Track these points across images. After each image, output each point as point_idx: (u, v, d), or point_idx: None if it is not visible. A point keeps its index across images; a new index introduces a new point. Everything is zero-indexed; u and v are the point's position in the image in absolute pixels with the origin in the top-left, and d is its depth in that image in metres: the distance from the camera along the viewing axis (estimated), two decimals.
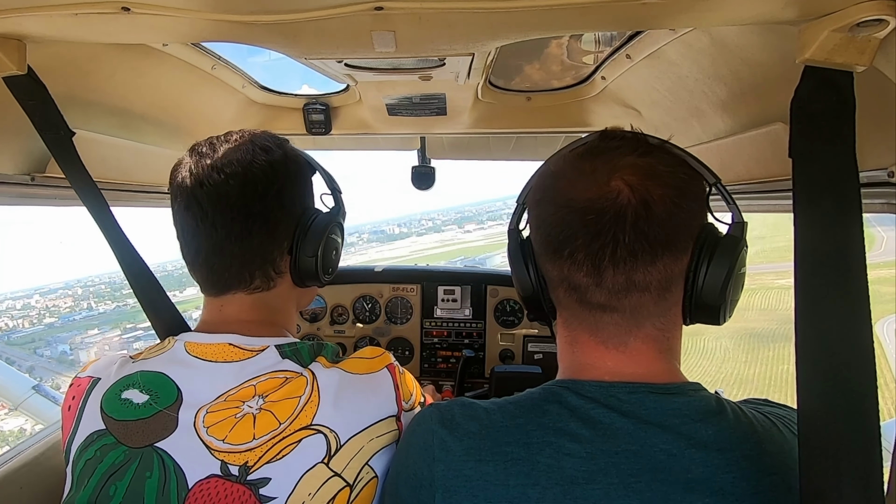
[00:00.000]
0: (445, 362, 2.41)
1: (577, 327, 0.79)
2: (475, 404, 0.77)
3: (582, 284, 0.74)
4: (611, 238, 0.70)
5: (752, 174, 1.19)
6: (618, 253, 0.70)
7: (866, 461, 0.63)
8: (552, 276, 0.79)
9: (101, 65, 1.25)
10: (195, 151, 0.92)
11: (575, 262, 0.73)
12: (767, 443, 0.70)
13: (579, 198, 0.73)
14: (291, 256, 0.96)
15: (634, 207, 0.70)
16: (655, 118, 1.63)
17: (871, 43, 0.68)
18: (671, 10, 0.75)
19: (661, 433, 0.69)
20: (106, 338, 40.18)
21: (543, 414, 0.72)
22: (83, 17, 0.80)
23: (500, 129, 1.98)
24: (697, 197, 0.76)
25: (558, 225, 0.74)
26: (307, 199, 1.00)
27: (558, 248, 0.74)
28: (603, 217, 0.70)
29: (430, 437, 0.74)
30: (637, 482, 0.66)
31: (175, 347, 0.89)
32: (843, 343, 0.65)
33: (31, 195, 1.20)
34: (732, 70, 1.14)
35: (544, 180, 0.82)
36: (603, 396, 0.72)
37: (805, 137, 0.71)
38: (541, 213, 0.79)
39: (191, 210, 0.88)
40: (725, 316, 0.79)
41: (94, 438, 0.82)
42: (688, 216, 0.74)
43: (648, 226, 0.70)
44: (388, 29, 0.87)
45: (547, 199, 0.78)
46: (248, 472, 0.77)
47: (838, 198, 0.67)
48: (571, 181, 0.75)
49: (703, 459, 0.67)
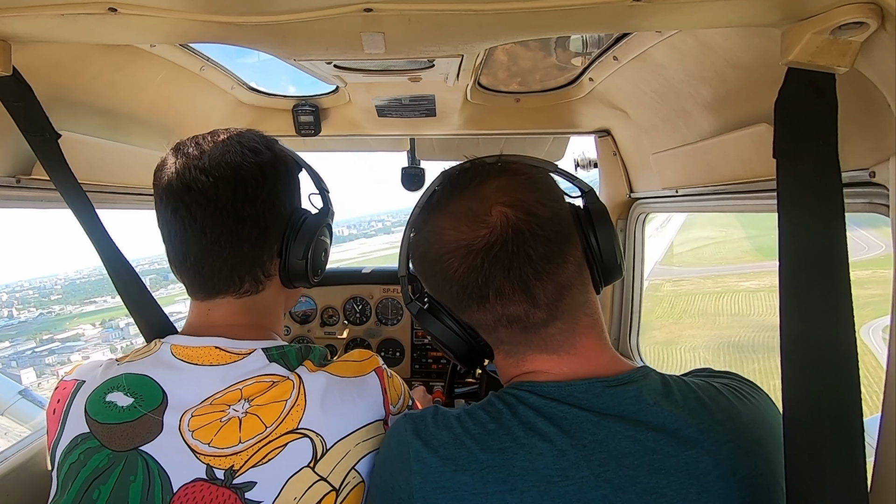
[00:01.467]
0: (436, 363, 2.41)
1: (523, 351, 0.80)
2: (447, 413, 0.78)
3: (520, 313, 0.76)
4: (524, 257, 0.73)
5: (738, 174, 1.21)
6: (537, 267, 0.73)
7: (850, 457, 0.64)
8: (485, 322, 0.80)
9: (87, 65, 1.24)
10: (180, 152, 0.90)
11: (504, 297, 0.75)
12: (717, 412, 0.73)
13: (474, 238, 0.75)
14: (281, 259, 0.95)
15: (525, 221, 0.73)
16: (643, 119, 1.65)
17: (852, 45, 0.69)
18: (657, 12, 0.76)
19: (621, 422, 0.71)
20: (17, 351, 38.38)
21: (513, 416, 0.73)
22: (70, 18, 0.79)
23: (490, 131, 1.98)
24: (555, 186, 0.82)
25: (469, 272, 0.75)
26: (296, 199, 0.99)
27: (482, 294, 0.76)
28: (506, 244, 0.73)
29: (405, 448, 0.74)
30: (605, 470, 0.68)
31: (161, 350, 0.88)
32: (826, 341, 0.66)
33: (15, 198, 1.19)
34: (718, 72, 1.16)
35: (426, 242, 0.82)
36: (561, 395, 0.74)
37: (789, 138, 0.72)
38: (442, 272, 0.78)
39: (178, 213, 0.87)
40: (624, 266, 0.86)
41: (79, 442, 0.81)
42: (561, 206, 0.79)
43: (544, 230, 0.74)
44: (377, 30, 0.87)
45: (441, 257, 0.78)
46: (233, 475, 0.76)
47: (821, 197, 0.69)
48: (455, 229, 0.77)
49: (664, 441, 0.69)
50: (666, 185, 1.61)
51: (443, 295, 0.83)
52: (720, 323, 30.78)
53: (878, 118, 0.78)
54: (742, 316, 31.79)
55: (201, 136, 0.92)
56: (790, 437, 0.67)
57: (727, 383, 0.80)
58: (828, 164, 0.69)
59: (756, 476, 0.70)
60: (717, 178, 1.31)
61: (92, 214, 1.11)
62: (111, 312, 59.27)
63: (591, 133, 1.97)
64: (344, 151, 2.47)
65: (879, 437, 0.73)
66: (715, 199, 1.43)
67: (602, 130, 1.94)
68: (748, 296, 33.72)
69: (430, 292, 0.87)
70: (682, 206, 1.64)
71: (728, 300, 33.71)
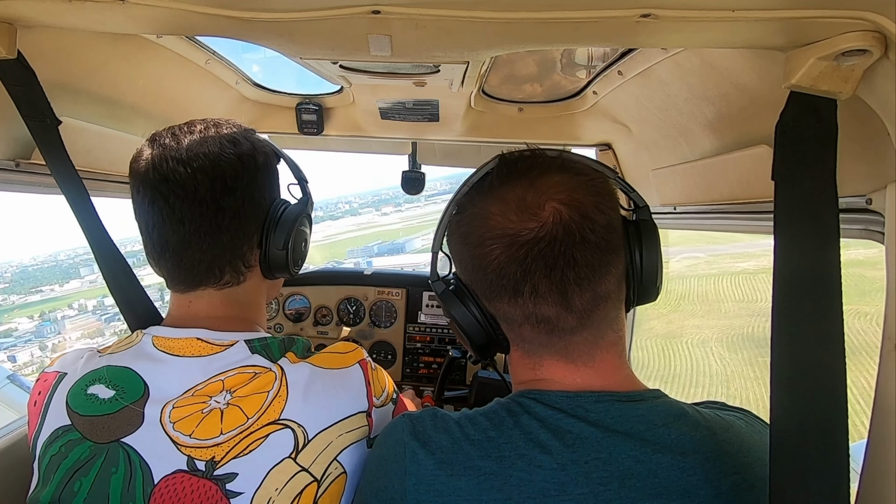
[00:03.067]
0: (427, 368, 2.41)
1: (542, 353, 0.79)
2: (447, 416, 0.77)
3: (551, 315, 0.74)
4: (569, 260, 0.71)
5: (735, 195, 1.21)
6: (580, 273, 0.71)
7: (835, 481, 0.64)
8: (512, 316, 0.77)
9: (93, 53, 1.24)
10: (157, 142, 0.89)
11: (539, 296, 0.73)
12: (727, 444, 0.72)
13: (521, 229, 0.72)
14: (261, 250, 0.94)
15: (578, 223, 0.71)
16: (644, 135, 1.66)
17: (854, 72, 0.70)
18: (663, 29, 0.77)
19: (628, 440, 0.70)
20: None
21: (515, 426, 0.72)
22: (77, 5, 0.79)
23: (492, 139, 1.99)
24: (613, 194, 0.79)
25: (509, 263, 0.73)
26: (275, 190, 0.98)
27: (517, 288, 0.73)
28: (554, 242, 0.71)
29: (401, 448, 0.74)
30: (606, 490, 0.67)
31: (142, 342, 0.87)
32: (816, 363, 0.66)
33: (14, 181, 1.18)
34: (721, 92, 1.16)
35: (470, 224, 0.79)
36: (570, 407, 0.73)
37: (788, 161, 0.72)
38: (481, 257, 0.76)
39: (156, 204, 0.86)
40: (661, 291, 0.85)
41: (60, 434, 0.81)
42: (616, 215, 0.77)
43: (595, 236, 0.72)
44: (384, 33, 0.87)
45: (483, 242, 0.75)
46: (214, 467, 0.76)
47: (818, 222, 0.69)
48: (503, 215, 0.74)
49: (668, 464, 0.68)
50: (664, 201, 1.61)
51: (474, 280, 0.80)
52: (726, 310, 28.61)
53: (878, 145, 0.79)
54: (749, 302, 29.43)
55: (177, 126, 0.92)
56: (775, 458, 0.67)
57: (742, 417, 0.79)
58: (825, 188, 0.69)
59: None
60: (715, 197, 1.31)
61: (86, 202, 1.10)
62: (54, 303, 57.61)
63: (592, 146, 1.98)
64: (345, 152, 2.47)
65: (865, 461, 0.73)
66: (712, 217, 1.43)
67: (603, 144, 1.94)
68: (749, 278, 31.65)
69: (460, 274, 0.84)
70: (679, 223, 1.64)
71: (727, 283, 31.67)
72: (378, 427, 0.88)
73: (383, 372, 0.97)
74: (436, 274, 0.89)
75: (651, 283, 0.81)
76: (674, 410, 0.74)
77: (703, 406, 0.82)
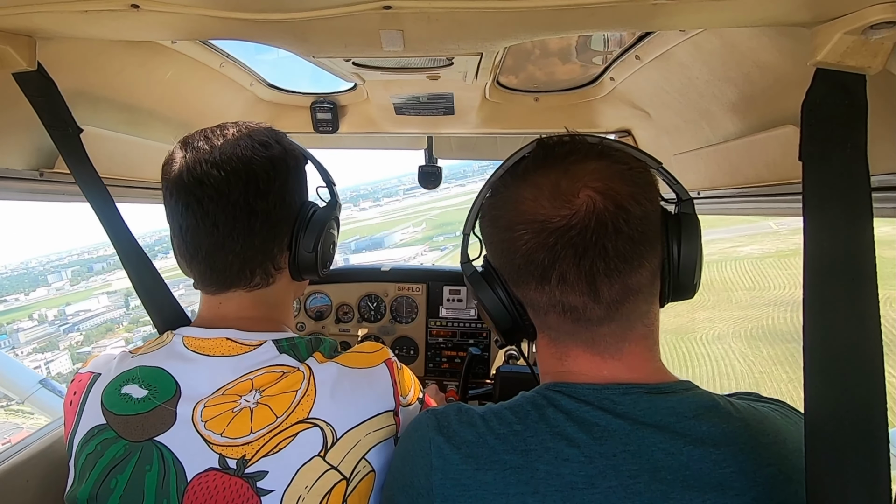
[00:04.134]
0: (450, 362, 2.41)
1: (568, 343, 0.77)
2: (471, 411, 0.76)
3: (578, 304, 0.72)
4: (600, 250, 0.69)
5: (762, 177, 1.18)
6: (610, 264, 0.70)
7: (873, 469, 0.62)
8: (538, 303, 0.76)
9: (110, 61, 1.25)
10: (189, 145, 0.90)
11: (567, 284, 0.71)
12: (762, 435, 0.70)
13: (553, 216, 0.71)
14: (291, 252, 0.96)
15: (612, 213, 0.69)
16: (664, 120, 1.63)
17: (884, 45, 0.67)
18: (681, 10, 0.75)
19: (658, 433, 0.68)
20: None
21: (540, 419, 0.71)
22: (93, 15, 0.81)
23: (508, 130, 1.97)
24: (653, 185, 0.77)
25: (537, 249, 0.72)
26: (304, 192, 1.00)
27: (544, 275, 0.72)
28: (585, 231, 0.69)
29: (426, 444, 0.73)
30: (636, 483, 0.66)
31: (173, 342, 0.89)
32: (851, 349, 0.64)
33: (39, 191, 1.21)
34: (743, 72, 1.13)
35: (501, 207, 0.78)
36: (597, 399, 0.71)
37: (816, 141, 0.70)
38: (510, 241, 0.75)
39: (190, 208, 0.87)
40: (698, 288, 0.83)
41: (95, 433, 0.83)
42: (655, 207, 0.75)
43: (629, 228, 0.70)
44: (396, 28, 0.87)
45: (513, 226, 0.74)
46: (245, 465, 0.78)
47: (849, 202, 0.67)
48: (535, 200, 0.73)
49: (701, 456, 0.67)
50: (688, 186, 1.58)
51: (503, 264, 0.79)
52: (738, 300, 26.64)
53: None
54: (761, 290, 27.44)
55: (210, 129, 0.93)
56: (811, 446, 0.65)
57: (777, 408, 0.77)
58: (856, 167, 0.67)
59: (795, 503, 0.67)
60: (740, 181, 1.28)
61: (112, 208, 1.11)
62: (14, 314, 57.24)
63: (611, 133, 1.95)
64: (361, 149, 2.48)
65: None
66: (738, 201, 1.40)
67: (622, 130, 1.91)
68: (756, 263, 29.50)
69: (490, 258, 0.83)
70: (704, 208, 1.61)
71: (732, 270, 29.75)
72: (405, 426, 0.88)
73: (409, 372, 0.97)
74: (466, 256, 0.89)
75: (688, 279, 0.79)
76: (705, 402, 0.72)
77: (736, 397, 0.80)
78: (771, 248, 32.00)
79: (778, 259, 29.54)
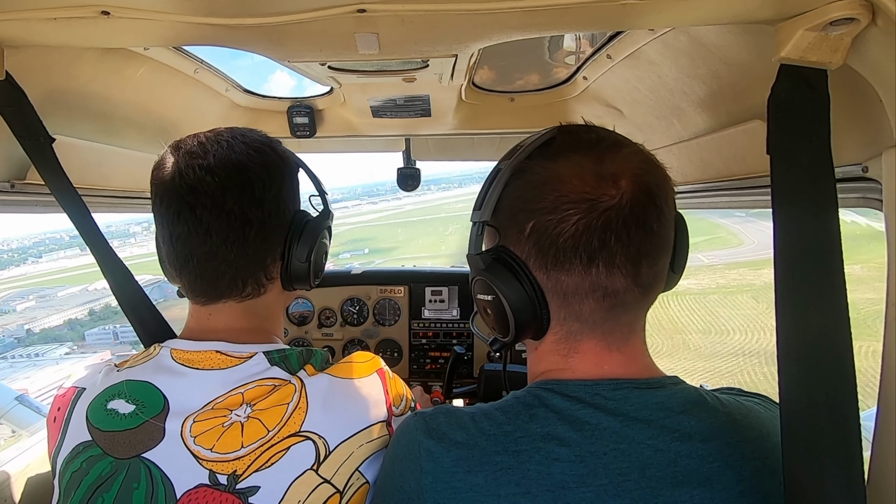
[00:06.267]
0: (434, 363, 2.42)
1: (584, 336, 0.75)
2: (460, 412, 0.76)
3: (620, 288, 0.71)
4: (647, 230, 0.70)
5: (732, 171, 1.21)
6: (655, 244, 0.72)
7: (847, 451, 0.64)
8: (574, 288, 0.72)
9: (81, 69, 1.23)
10: (182, 150, 0.87)
11: (612, 266, 0.70)
12: (748, 429, 0.72)
13: (600, 194, 0.69)
14: (283, 262, 0.93)
15: (655, 195, 0.71)
16: (637, 117, 1.65)
17: (843, 41, 0.70)
18: (650, 10, 0.77)
19: (647, 428, 0.69)
20: None
21: (531, 419, 0.71)
22: (62, 22, 0.79)
23: (485, 130, 1.99)
24: (669, 177, 0.79)
25: (586, 230, 0.69)
26: (297, 200, 0.98)
27: (591, 256, 0.69)
28: (634, 211, 0.69)
29: (415, 447, 0.73)
30: (626, 481, 0.66)
31: (161, 354, 0.86)
32: (821, 336, 0.66)
33: (10, 202, 1.18)
34: (711, 69, 1.16)
35: (539, 187, 0.73)
36: (588, 395, 0.72)
37: (782, 134, 0.72)
38: (552, 224, 0.70)
39: (182, 216, 0.84)
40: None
41: (81, 450, 0.81)
42: (673, 196, 0.77)
43: (668, 210, 0.73)
44: (371, 31, 0.87)
45: (558, 206, 0.70)
46: (236, 480, 0.76)
47: (815, 193, 0.69)
48: (580, 178, 0.70)
49: (688, 451, 0.68)
50: None
51: (535, 249, 0.73)
52: (696, 346, 22.35)
53: (870, 113, 0.79)
54: (718, 334, 23.04)
55: (203, 134, 0.90)
56: (787, 432, 0.67)
57: (760, 402, 0.79)
58: (821, 159, 0.69)
59: (781, 496, 0.68)
60: (711, 175, 1.31)
61: (88, 218, 1.10)
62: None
63: None
64: (339, 152, 2.47)
65: (876, 429, 0.73)
66: (710, 195, 1.43)
67: None
68: (699, 300, 25.15)
69: (509, 245, 0.76)
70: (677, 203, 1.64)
71: (677, 307, 25.44)
72: None
73: (400, 380, 0.96)
74: (479, 246, 0.82)
75: (673, 281, 0.81)
76: (692, 397, 0.73)
77: (721, 392, 0.81)
78: (710, 283, 30.52)
79: (723, 296, 27.12)
